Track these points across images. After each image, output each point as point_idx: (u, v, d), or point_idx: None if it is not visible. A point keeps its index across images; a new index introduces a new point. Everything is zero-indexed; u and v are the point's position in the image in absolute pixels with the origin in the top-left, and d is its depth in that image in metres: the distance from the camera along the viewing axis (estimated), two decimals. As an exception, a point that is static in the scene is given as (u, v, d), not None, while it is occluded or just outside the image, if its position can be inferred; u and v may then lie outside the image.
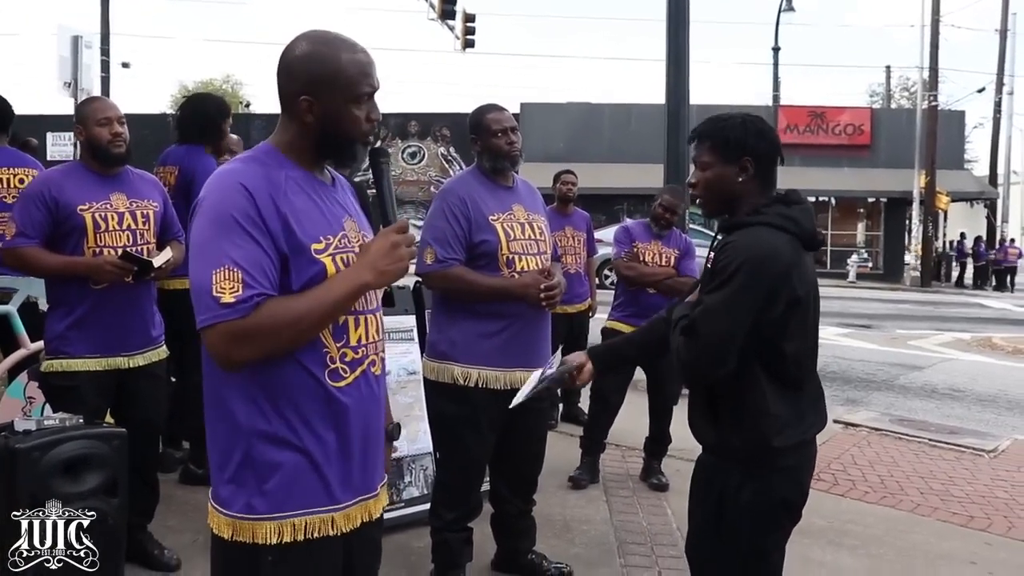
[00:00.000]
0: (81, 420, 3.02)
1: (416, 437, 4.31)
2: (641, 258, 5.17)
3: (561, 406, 6.32)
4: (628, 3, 70.84)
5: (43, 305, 4.59)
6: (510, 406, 2.68)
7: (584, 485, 4.95)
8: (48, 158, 16.00)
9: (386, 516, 4.13)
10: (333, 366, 1.85)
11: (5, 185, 4.51)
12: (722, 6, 73.66)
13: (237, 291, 1.70)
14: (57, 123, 21.25)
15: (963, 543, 4.47)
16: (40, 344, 4.36)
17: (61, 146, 19.82)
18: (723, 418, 2.29)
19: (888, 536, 4.49)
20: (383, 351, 2.00)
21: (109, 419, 3.53)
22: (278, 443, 1.82)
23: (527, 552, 3.70)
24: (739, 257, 2.17)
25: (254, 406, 1.81)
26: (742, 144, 2.28)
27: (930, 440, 6.48)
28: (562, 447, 5.29)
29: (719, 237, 2.35)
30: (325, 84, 1.85)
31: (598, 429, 5.18)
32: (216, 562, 1.92)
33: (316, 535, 1.85)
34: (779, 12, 28.41)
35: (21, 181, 4.51)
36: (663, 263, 5.16)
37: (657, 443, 5.14)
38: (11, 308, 4.44)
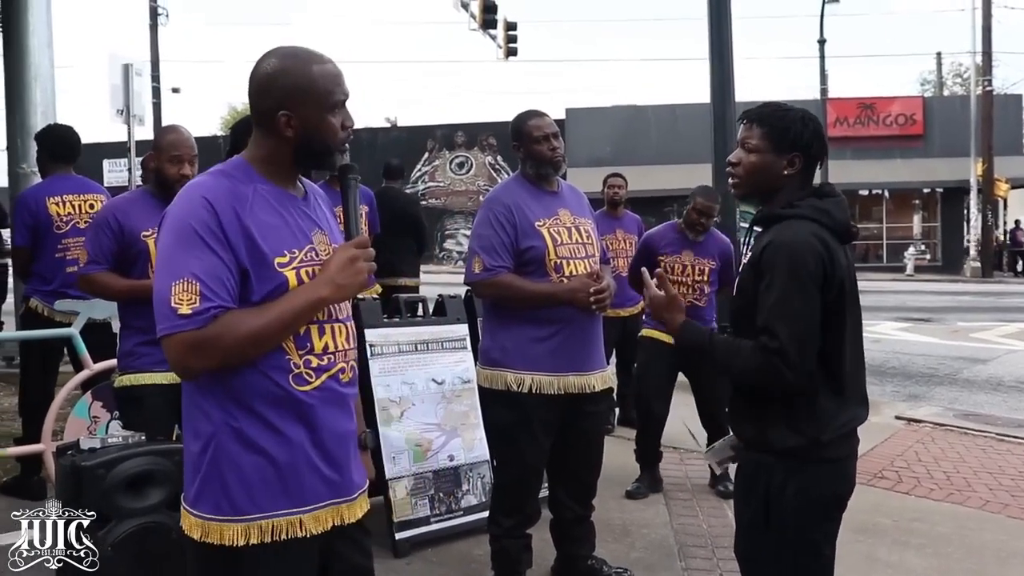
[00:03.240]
0: (143, 437, 3.09)
1: (472, 445, 4.32)
2: (670, 270, 4.81)
3: (618, 411, 6.28)
4: (670, 3, 70.47)
5: (116, 326, 4.71)
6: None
7: (642, 497, 4.87)
8: (105, 184, 16.45)
9: (446, 524, 4.19)
10: (297, 371, 1.88)
11: (77, 211, 4.72)
12: (765, 0, 72.84)
13: (194, 303, 1.76)
14: (113, 150, 21.85)
15: (1037, 540, 4.34)
16: (104, 364, 4.49)
17: (117, 172, 20.36)
18: (766, 413, 2.28)
19: (956, 535, 4.37)
20: (354, 359, 2.02)
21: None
22: (245, 446, 1.85)
23: (587, 557, 3.68)
24: (782, 252, 2.19)
25: (221, 410, 1.85)
26: (798, 139, 2.30)
27: (998, 435, 6.32)
28: (619, 451, 5.23)
29: (755, 229, 2.38)
30: (300, 97, 1.89)
31: (647, 440, 5.05)
32: (191, 563, 1.93)
33: (283, 537, 1.87)
34: (823, 4, 28.03)
35: (91, 207, 4.72)
36: (697, 276, 4.91)
37: None
38: (74, 330, 4.57)
